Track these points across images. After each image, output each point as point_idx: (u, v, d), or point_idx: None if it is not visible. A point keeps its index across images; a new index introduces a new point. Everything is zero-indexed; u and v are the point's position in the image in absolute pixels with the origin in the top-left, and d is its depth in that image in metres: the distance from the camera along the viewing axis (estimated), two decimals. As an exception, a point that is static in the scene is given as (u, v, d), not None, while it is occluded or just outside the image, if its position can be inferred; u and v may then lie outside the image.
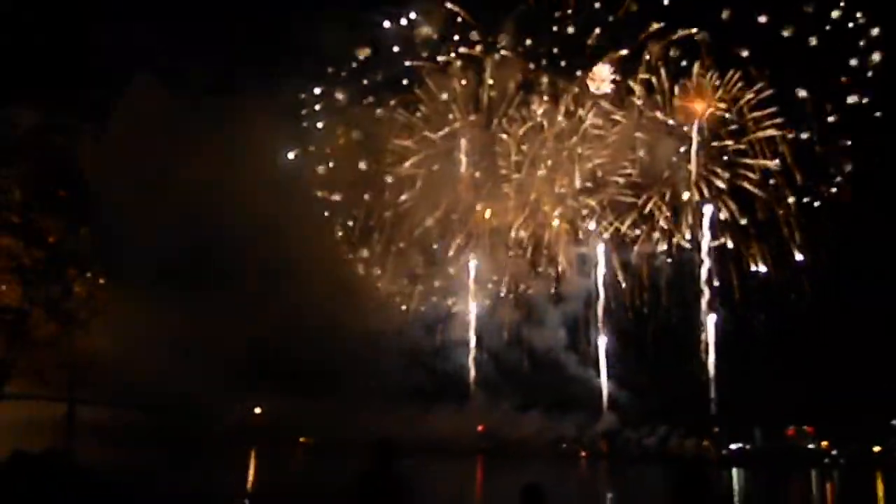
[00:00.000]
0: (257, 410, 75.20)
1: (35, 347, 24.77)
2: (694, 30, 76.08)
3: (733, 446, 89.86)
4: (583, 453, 79.94)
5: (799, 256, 78.14)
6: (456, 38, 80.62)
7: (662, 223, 79.08)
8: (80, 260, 26.55)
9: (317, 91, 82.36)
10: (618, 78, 77.52)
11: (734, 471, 76.44)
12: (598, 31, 77.77)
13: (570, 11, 78.33)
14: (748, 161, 77.70)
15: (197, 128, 69.39)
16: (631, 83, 77.65)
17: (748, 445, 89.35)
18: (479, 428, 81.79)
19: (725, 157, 78.10)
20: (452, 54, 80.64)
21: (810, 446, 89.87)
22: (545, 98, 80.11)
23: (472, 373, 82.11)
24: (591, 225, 80.00)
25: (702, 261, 79.47)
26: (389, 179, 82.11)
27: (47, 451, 14.57)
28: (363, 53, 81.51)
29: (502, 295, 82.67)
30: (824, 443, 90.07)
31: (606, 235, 79.91)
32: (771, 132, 76.57)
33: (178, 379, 64.19)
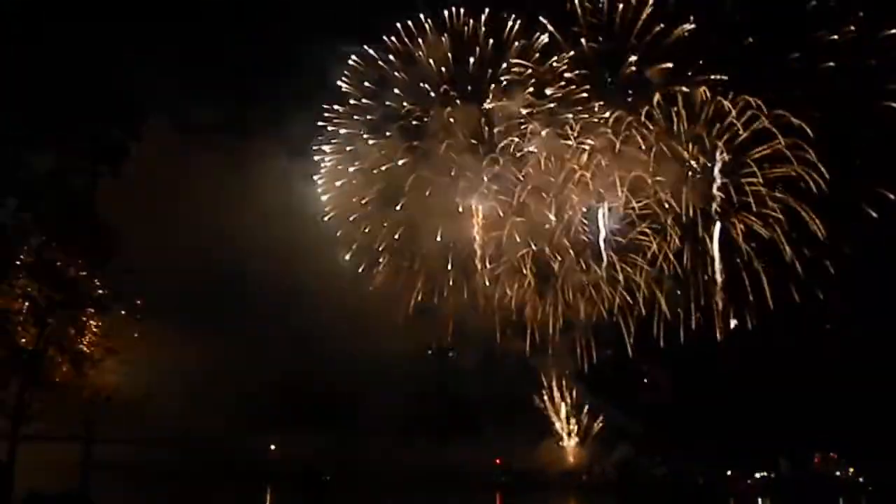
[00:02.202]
0: (272, 447, 74.94)
1: (50, 388, 24.81)
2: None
3: (758, 475, 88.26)
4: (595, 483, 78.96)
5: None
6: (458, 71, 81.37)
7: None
8: (95, 300, 26.66)
9: (323, 124, 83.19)
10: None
11: (759, 500, 75.02)
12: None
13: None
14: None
15: (209, 166, 70.55)
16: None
17: (773, 474, 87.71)
18: (497, 461, 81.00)
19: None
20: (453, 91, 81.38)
21: (837, 474, 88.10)
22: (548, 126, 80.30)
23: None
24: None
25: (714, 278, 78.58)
26: (397, 209, 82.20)
27: (63, 492, 14.59)
28: (367, 88, 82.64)
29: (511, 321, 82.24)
30: (851, 469, 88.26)
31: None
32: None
33: (195, 416, 64.23)
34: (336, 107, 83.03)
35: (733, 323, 78.16)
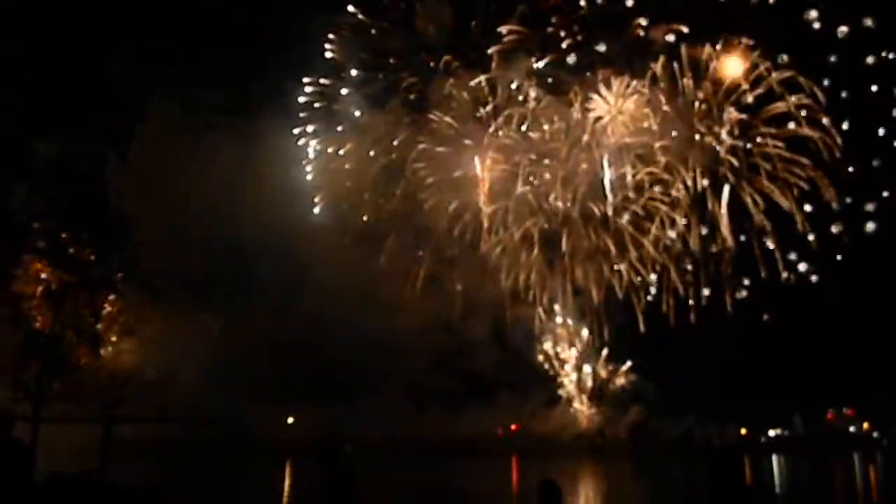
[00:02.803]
0: (290, 420, 75.99)
1: (69, 370, 25.23)
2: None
3: (772, 433, 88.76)
4: (607, 447, 79.72)
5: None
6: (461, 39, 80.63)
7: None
8: (108, 282, 26.94)
9: (307, 101, 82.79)
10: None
11: (774, 457, 75.54)
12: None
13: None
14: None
15: (215, 147, 70.70)
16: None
17: (787, 431, 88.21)
18: (513, 427, 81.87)
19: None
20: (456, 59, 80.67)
21: (851, 429, 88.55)
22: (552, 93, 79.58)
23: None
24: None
25: (725, 246, 78.27)
26: (401, 185, 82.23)
27: (82, 472, 14.93)
28: (366, 59, 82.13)
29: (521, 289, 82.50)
30: (866, 425, 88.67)
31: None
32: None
33: (213, 393, 65.16)
34: (324, 80, 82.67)
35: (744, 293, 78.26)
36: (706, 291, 77.98)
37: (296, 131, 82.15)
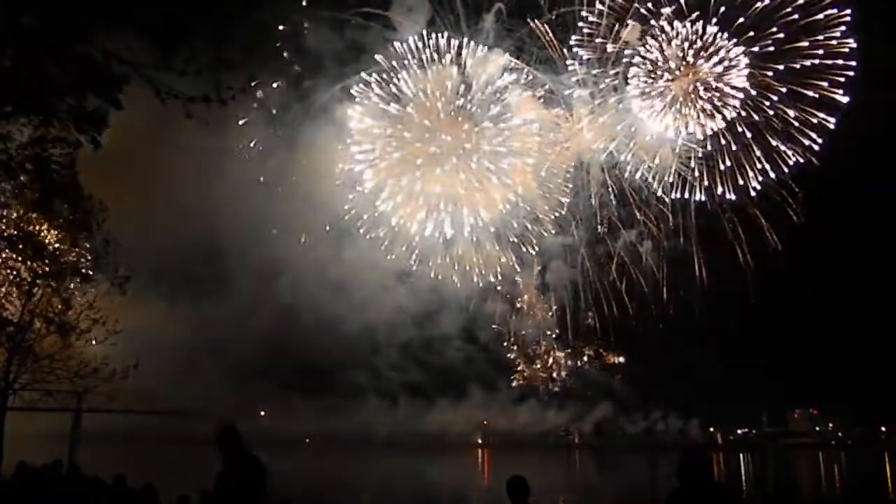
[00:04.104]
0: (262, 413, 75.60)
1: (37, 359, 24.84)
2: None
3: (740, 431, 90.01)
4: (576, 442, 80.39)
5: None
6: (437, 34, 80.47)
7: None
8: (79, 270, 26.54)
9: (297, 92, 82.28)
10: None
11: (741, 455, 76.62)
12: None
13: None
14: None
15: (188, 137, 69.77)
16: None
17: (754, 430, 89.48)
18: (485, 422, 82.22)
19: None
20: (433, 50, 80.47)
21: (817, 429, 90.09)
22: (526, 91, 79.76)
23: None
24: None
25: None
26: (370, 175, 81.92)
27: (51, 462, 14.74)
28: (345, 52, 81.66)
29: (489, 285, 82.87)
30: (830, 425, 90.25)
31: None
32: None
33: (184, 384, 64.48)
34: (312, 69, 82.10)
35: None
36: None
37: (270, 123, 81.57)
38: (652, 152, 77.38)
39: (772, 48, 73.04)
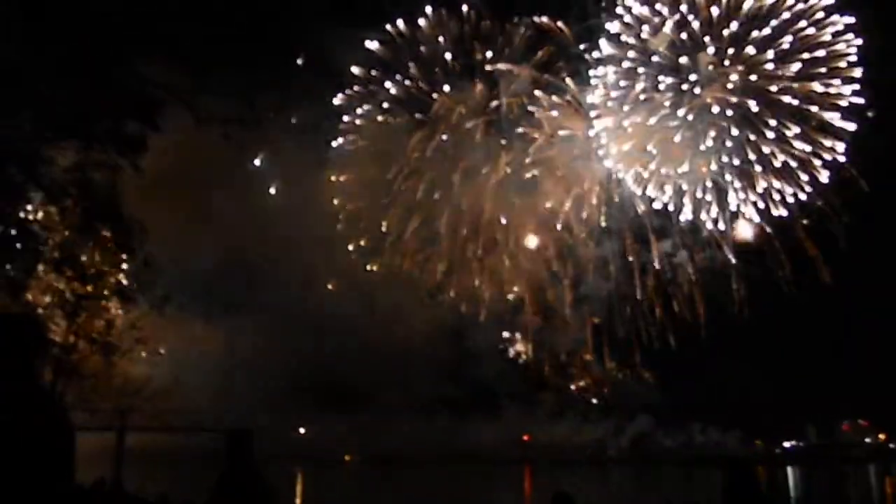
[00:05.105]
0: (301, 431, 75.91)
1: (82, 379, 25.34)
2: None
3: (787, 444, 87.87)
4: (612, 456, 79.06)
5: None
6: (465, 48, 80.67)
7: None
8: (121, 292, 27.09)
9: (332, 111, 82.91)
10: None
11: (789, 469, 74.74)
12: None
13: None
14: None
15: (224, 158, 70.98)
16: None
17: (802, 443, 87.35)
18: (525, 438, 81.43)
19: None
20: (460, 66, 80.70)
21: (867, 440, 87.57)
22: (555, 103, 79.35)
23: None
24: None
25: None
26: (403, 190, 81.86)
27: (96, 481, 14.96)
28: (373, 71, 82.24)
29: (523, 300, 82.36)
30: (882, 436, 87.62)
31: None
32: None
33: (223, 403, 65.15)
34: (345, 88, 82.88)
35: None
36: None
37: (306, 143, 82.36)
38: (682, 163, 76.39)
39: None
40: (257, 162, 76.84)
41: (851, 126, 71.49)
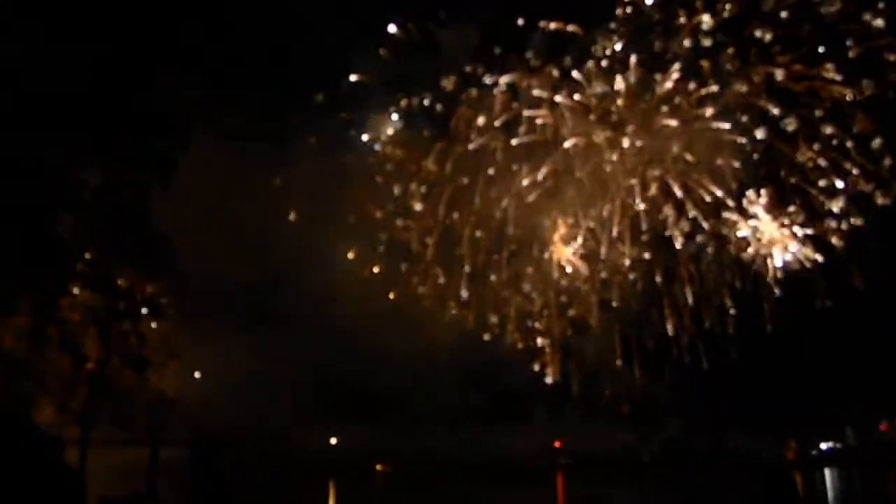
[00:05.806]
0: (333, 441, 75.98)
1: (116, 394, 25.74)
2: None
3: (823, 446, 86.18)
4: (645, 461, 77.98)
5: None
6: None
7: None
8: (153, 307, 27.50)
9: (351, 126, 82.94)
10: None
11: (826, 471, 73.36)
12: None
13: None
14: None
15: (248, 174, 71.61)
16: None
17: (839, 444, 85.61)
18: (557, 444, 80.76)
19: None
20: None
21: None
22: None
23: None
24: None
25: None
26: (424, 201, 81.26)
27: (130, 495, 15.17)
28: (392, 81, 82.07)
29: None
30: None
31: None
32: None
33: (254, 414, 65.64)
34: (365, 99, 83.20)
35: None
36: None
37: (326, 156, 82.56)
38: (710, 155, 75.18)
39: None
40: (278, 180, 77.44)
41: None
